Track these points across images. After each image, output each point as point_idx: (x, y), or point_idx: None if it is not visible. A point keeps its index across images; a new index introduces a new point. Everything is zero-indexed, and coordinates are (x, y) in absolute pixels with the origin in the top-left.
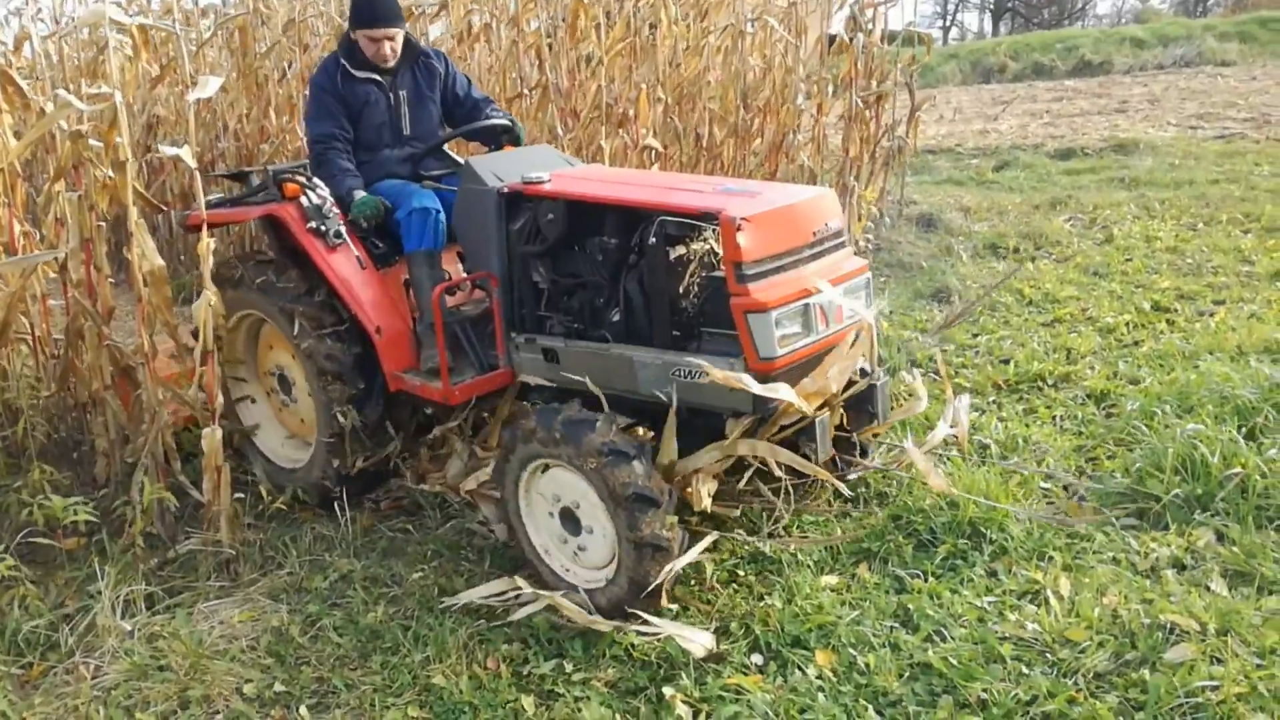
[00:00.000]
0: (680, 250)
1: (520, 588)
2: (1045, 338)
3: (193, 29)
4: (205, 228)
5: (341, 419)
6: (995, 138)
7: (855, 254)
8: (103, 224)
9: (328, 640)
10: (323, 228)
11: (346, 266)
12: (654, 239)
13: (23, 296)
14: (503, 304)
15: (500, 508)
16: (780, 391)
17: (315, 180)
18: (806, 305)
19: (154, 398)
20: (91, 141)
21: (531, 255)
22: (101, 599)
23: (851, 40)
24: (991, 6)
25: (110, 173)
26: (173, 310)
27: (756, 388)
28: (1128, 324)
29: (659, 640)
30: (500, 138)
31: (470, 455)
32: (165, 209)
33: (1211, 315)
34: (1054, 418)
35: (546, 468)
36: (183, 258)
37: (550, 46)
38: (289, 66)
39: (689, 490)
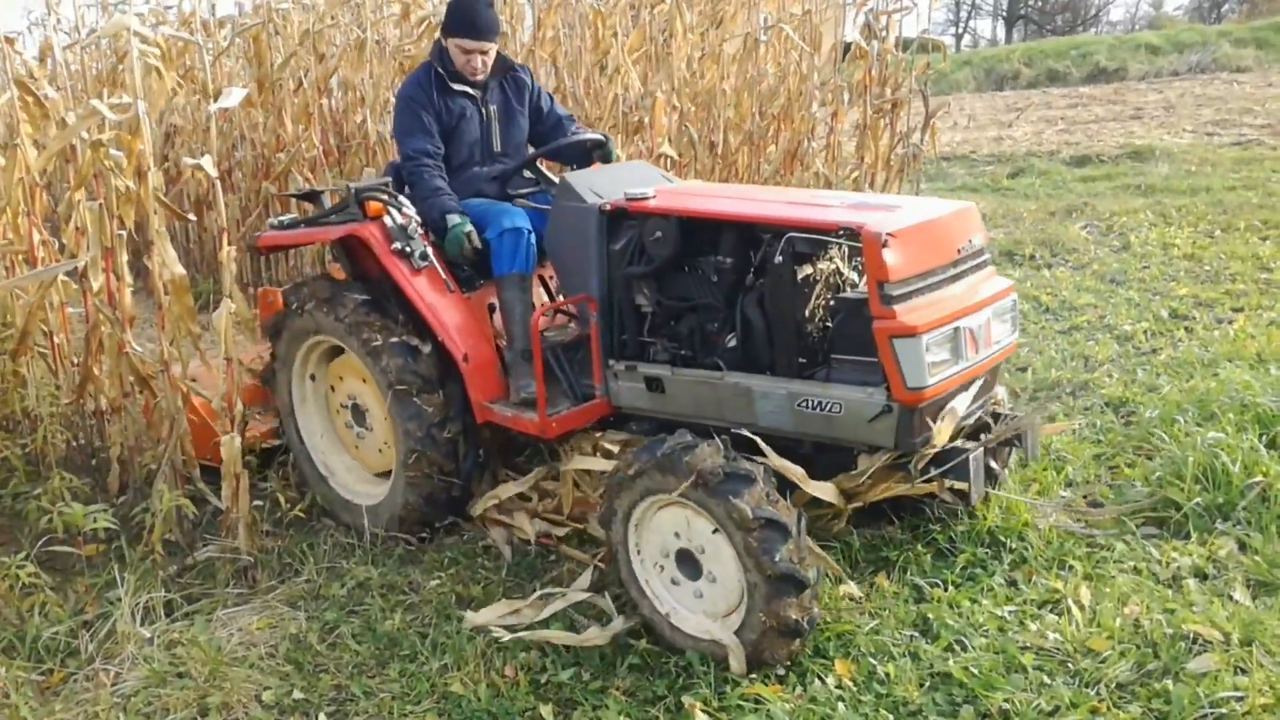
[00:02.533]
0: (806, 270)
1: (520, 611)
2: (1063, 345)
3: (210, 39)
4: (225, 243)
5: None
6: (1010, 144)
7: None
8: (123, 232)
9: (346, 648)
10: (407, 249)
11: (431, 290)
12: (780, 257)
13: (42, 305)
14: (601, 329)
15: (611, 559)
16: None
17: (400, 199)
18: (956, 329)
19: (172, 405)
20: (112, 151)
21: (635, 277)
22: (121, 606)
23: (866, 48)
24: (1005, 13)
25: (131, 182)
26: (195, 318)
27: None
28: (1146, 331)
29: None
30: (592, 154)
31: (488, 481)
32: (186, 218)
33: (1230, 323)
34: (1073, 426)
35: (661, 506)
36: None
37: (566, 53)
38: (304, 76)
39: None
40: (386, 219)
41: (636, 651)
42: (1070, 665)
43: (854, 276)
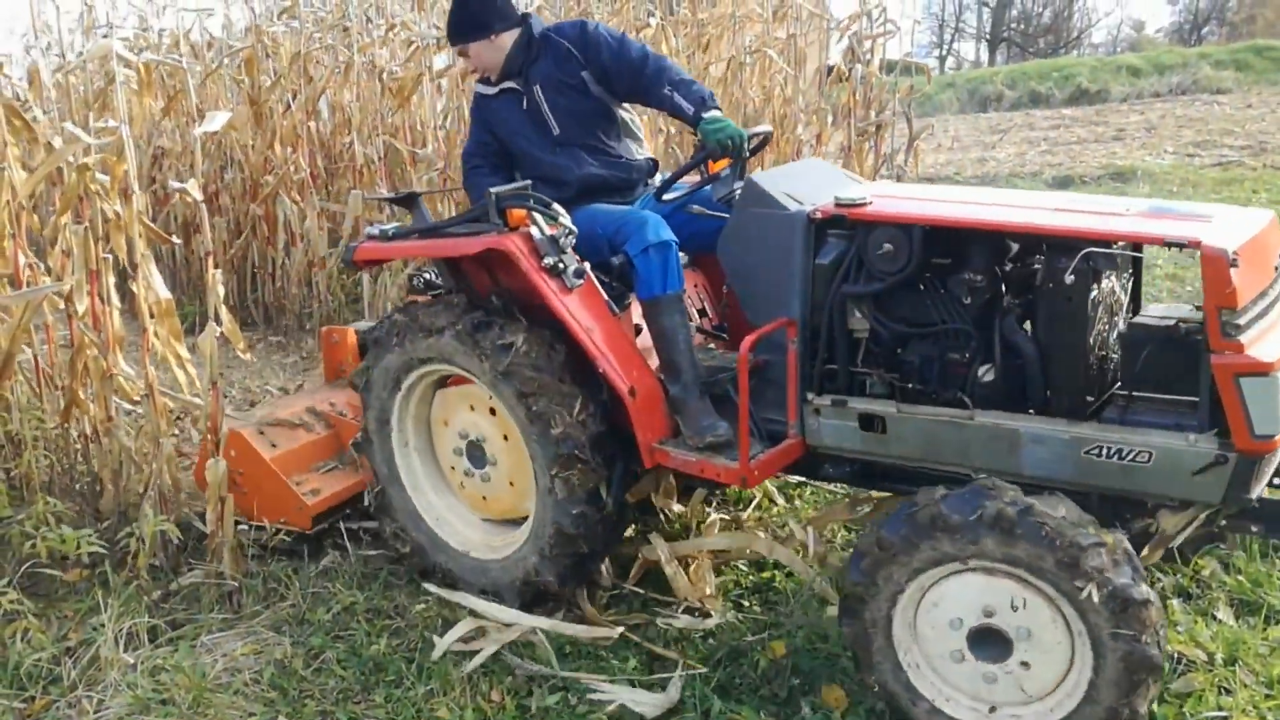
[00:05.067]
0: (1094, 290)
1: (483, 626)
2: None
3: (199, 62)
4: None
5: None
6: (993, 166)
7: None
8: (109, 256)
9: (331, 673)
10: (560, 264)
11: (588, 313)
12: (1073, 276)
13: (26, 328)
14: (800, 357)
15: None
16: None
17: (555, 207)
18: None
19: (156, 428)
20: (98, 175)
21: (853, 297)
22: (104, 632)
23: (850, 71)
24: (988, 36)
25: (117, 206)
26: (183, 342)
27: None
28: None
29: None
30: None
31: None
32: (170, 240)
33: None
34: None
35: (934, 582)
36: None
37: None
38: (293, 99)
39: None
40: (532, 229)
41: (625, 675)
42: None
43: (1122, 297)
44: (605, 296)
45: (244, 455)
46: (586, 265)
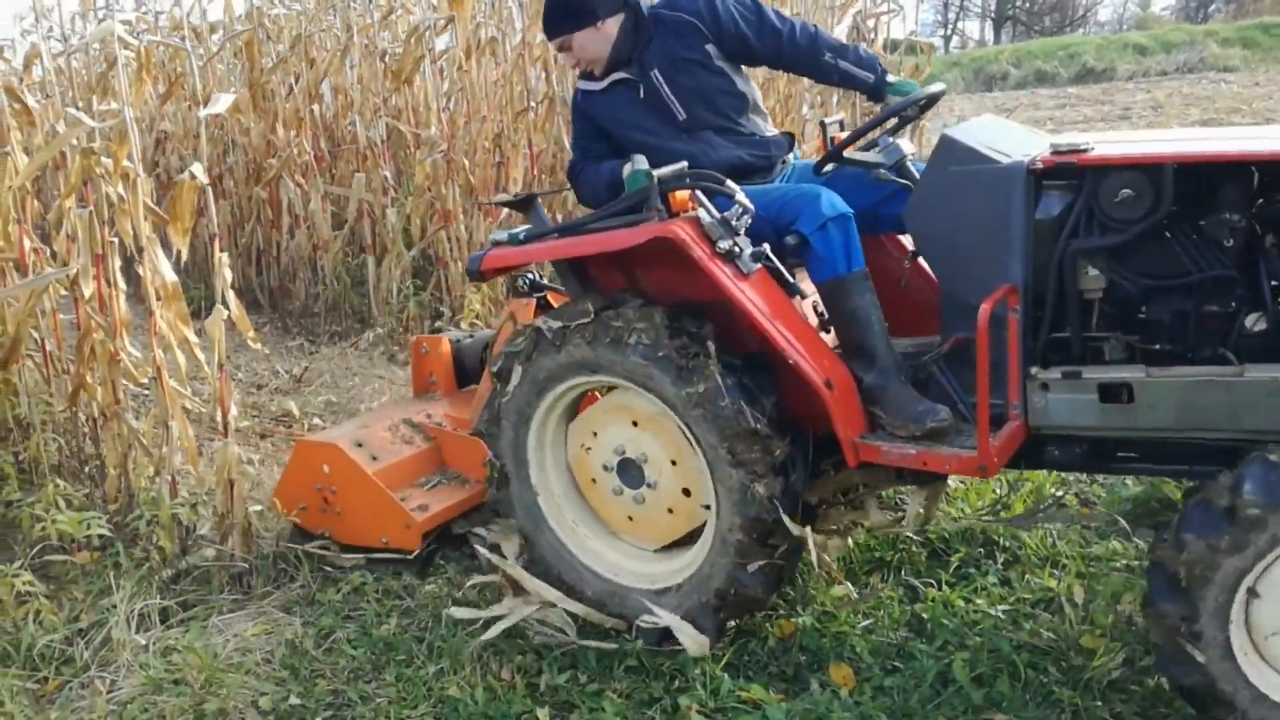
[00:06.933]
0: None
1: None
2: None
3: (201, 45)
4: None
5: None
6: None
7: None
8: (114, 240)
9: (342, 653)
10: (735, 248)
11: (769, 301)
12: None
13: (33, 312)
14: (1022, 327)
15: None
16: None
17: (729, 184)
18: None
19: (166, 411)
20: (102, 159)
21: (1085, 253)
22: (116, 613)
23: None
24: (993, 15)
25: (122, 189)
26: (190, 325)
27: None
28: None
29: (671, 649)
30: (926, 109)
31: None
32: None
33: None
34: None
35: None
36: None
37: (557, 59)
38: (296, 81)
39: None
40: (701, 213)
41: (633, 654)
42: (1064, 663)
43: None
44: (790, 278)
45: (340, 470)
46: (765, 246)
